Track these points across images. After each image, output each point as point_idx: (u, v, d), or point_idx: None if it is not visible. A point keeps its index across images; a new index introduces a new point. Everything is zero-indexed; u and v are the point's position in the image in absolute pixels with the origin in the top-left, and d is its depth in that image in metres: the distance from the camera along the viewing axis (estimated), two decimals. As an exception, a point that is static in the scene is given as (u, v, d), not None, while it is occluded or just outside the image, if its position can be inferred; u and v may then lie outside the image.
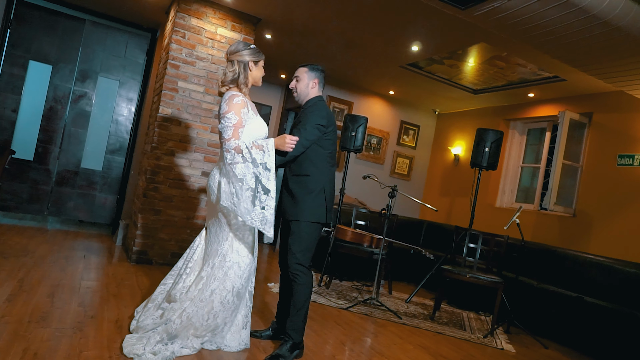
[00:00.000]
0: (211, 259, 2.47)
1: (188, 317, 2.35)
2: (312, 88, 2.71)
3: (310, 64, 2.76)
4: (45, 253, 4.06)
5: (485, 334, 3.90)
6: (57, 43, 5.40)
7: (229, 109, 2.40)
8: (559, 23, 2.97)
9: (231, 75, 2.53)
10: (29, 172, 5.36)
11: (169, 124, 4.38)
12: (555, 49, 3.45)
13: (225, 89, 2.54)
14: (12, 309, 2.59)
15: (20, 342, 2.19)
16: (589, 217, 5.01)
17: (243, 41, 2.66)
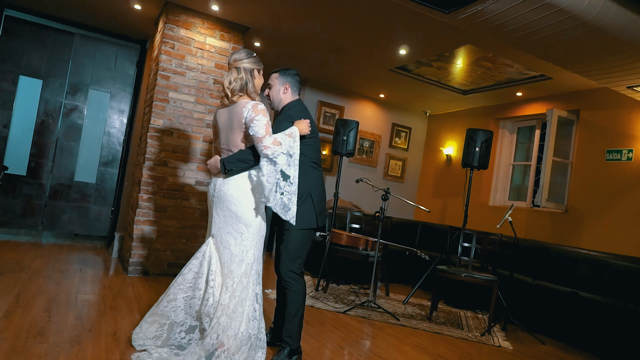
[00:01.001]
0: (236, 269, 2.39)
1: (223, 330, 2.29)
2: (283, 93, 2.67)
3: (282, 68, 2.71)
4: (40, 267, 4.05)
5: (482, 332, 3.93)
6: (46, 57, 5.41)
7: (256, 114, 2.36)
8: (540, 24, 3.03)
9: (239, 83, 2.46)
10: (22, 187, 5.35)
11: (161, 135, 4.40)
12: (539, 49, 3.51)
13: (237, 98, 2.47)
14: (9, 325, 2.59)
15: (17, 358, 2.19)
16: (580, 212, 5.07)
17: (245, 49, 2.59)
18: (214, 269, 2.42)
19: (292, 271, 2.54)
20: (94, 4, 4.72)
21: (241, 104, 2.45)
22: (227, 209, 2.44)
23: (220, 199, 2.46)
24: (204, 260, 2.47)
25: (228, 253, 2.43)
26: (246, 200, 2.43)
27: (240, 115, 2.42)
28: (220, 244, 2.46)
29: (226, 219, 2.45)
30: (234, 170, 2.42)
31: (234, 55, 2.52)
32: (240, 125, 2.43)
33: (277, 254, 2.71)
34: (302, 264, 2.59)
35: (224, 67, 4.65)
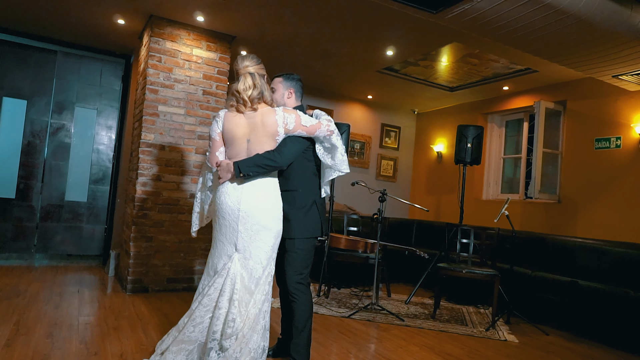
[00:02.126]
0: (264, 281, 2.35)
1: (246, 344, 2.25)
2: (288, 98, 2.64)
3: (285, 73, 2.68)
4: (37, 292, 3.97)
5: (486, 327, 3.95)
6: (30, 77, 5.33)
7: (292, 113, 2.38)
8: (527, 20, 3.07)
9: (258, 90, 2.36)
10: (12, 210, 5.25)
11: (153, 149, 4.35)
12: (526, 44, 3.55)
13: (258, 106, 2.38)
14: (13, 354, 2.53)
15: (25, 388, 2.14)
16: (573, 202, 5.14)
17: (254, 55, 2.50)
18: (239, 287, 2.30)
19: (299, 282, 2.45)
20: (76, 21, 4.66)
21: (267, 113, 2.36)
22: (257, 223, 2.32)
23: (248, 214, 2.32)
24: (228, 277, 2.32)
25: (260, 267, 2.34)
26: (274, 210, 2.37)
27: (272, 125, 2.34)
28: (250, 259, 2.34)
29: (257, 234, 2.33)
30: (251, 175, 2.32)
31: (245, 62, 2.42)
32: (273, 134, 2.35)
33: (279, 264, 2.59)
34: (308, 275, 2.52)
35: (212, 78, 4.62)
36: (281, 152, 2.37)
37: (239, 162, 2.32)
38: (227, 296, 2.28)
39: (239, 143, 2.39)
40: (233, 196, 2.34)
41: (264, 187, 2.37)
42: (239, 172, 2.30)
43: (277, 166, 2.38)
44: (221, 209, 2.37)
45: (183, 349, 2.34)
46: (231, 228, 2.34)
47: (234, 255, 2.35)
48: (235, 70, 2.45)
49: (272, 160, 2.34)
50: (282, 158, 2.37)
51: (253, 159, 2.34)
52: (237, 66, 2.44)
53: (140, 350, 2.74)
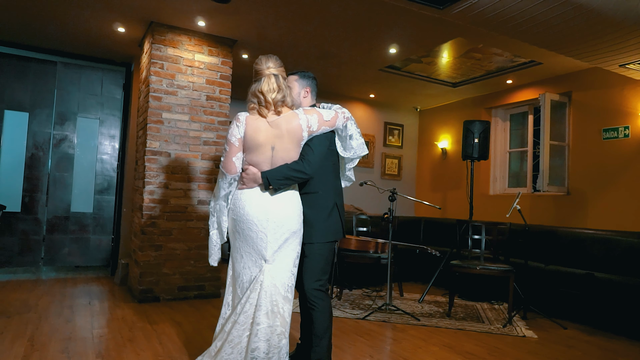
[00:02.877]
0: (293, 286, 2.33)
1: (285, 353, 2.22)
2: (304, 97, 2.51)
3: (300, 71, 2.56)
4: (47, 306, 3.93)
5: (503, 323, 3.91)
6: (30, 89, 5.29)
7: (314, 112, 2.30)
8: (534, 12, 3.03)
9: (282, 93, 2.26)
10: (18, 224, 5.21)
11: (158, 157, 4.31)
12: (533, 36, 3.52)
13: (281, 109, 2.28)
14: (29, 371, 2.49)
15: (45, 406, 2.10)
16: (582, 193, 5.10)
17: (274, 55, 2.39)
18: (277, 298, 2.21)
19: (318, 289, 2.37)
20: (75, 31, 4.62)
21: (291, 117, 2.26)
22: (287, 231, 2.25)
23: (278, 224, 2.24)
24: (262, 291, 2.20)
25: (291, 275, 2.29)
26: (300, 215, 2.32)
27: (297, 130, 2.25)
28: (280, 268, 2.26)
29: (286, 242, 2.26)
30: (281, 188, 2.26)
31: (269, 62, 2.32)
32: (298, 140, 2.27)
33: (298, 269, 2.48)
34: (327, 281, 2.44)
35: (215, 83, 4.58)
36: (309, 161, 2.28)
37: (268, 174, 2.23)
38: (264, 310, 2.17)
39: (262, 150, 2.26)
40: (259, 206, 2.24)
41: (290, 194, 2.31)
42: (267, 184, 2.23)
43: (307, 178, 2.31)
44: (246, 220, 2.25)
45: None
46: (259, 239, 2.23)
47: (264, 267, 2.24)
48: (256, 71, 2.33)
49: (302, 172, 2.26)
50: (311, 167, 2.29)
51: (282, 171, 2.24)
52: (259, 66, 2.33)
53: (158, 362, 2.70)
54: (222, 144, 4.61)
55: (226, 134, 2.34)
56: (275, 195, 2.26)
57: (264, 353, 2.15)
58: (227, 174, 2.31)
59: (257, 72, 2.33)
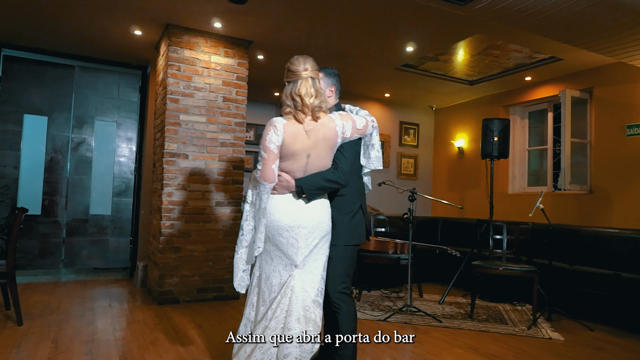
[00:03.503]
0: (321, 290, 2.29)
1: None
2: (328, 97, 2.41)
3: (324, 67, 2.43)
4: (69, 308, 3.96)
5: (528, 325, 3.83)
6: (48, 93, 5.35)
7: (349, 118, 2.24)
8: (559, 6, 2.96)
9: (318, 100, 2.16)
10: (38, 227, 5.26)
11: (176, 159, 4.32)
12: (556, 31, 3.45)
13: (319, 115, 2.18)
14: (54, 374, 2.50)
15: (72, 409, 2.10)
16: (605, 191, 4.98)
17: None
18: (308, 303, 2.18)
19: (342, 292, 2.32)
20: (92, 35, 4.65)
21: (327, 124, 2.17)
22: (318, 236, 2.22)
23: (309, 229, 2.19)
24: (294, 296, 2.16)
25: (321, 279, 2.25)
26: (330, 219, 2.28)
27: (333, 137, 2.18)
28: (312, 273, 2.22)
29: (317, 247, 2.23)
30: (314, 198, 2.22)
31: (306, 64, 2.19)
32: (333, 147, 2.21)
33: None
34: (350, 284, 2.39)
35: (231, 84, 4.57)
36: (342, 170, 2.24)
37: (303, 184, 2.17)
38: (296, 316, 2.14)
39: (297, 158, 2.16)
40: (291, 212, 2.18)
41: (320, 200, 2.26)
42: (302, 193, 2.18)
43: (340, 187, 2.28)
44: (277, 226, 2.18)
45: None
46: (290, 245, 2.17)
47: (295, 272, 2.19)
48: (291, 71, 2.19)
49: (336, 183, 2.23)
50: (344, 177, 2.25)
51: (317, 181, 2.19)
52: (295, 67, 2.19)
53: (181, 365, 2.69)
54: (238, 146, 4.60)
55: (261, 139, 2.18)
56: (307, 202, 2.21)
57: (295, 359, 2.12)
58: (266, 183, 2.16)
59: (292, 73, 2.19)
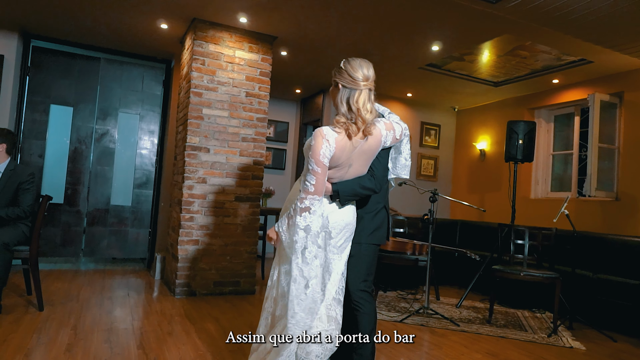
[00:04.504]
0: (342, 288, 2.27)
1: None
2: None
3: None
4: (89, 296, 4.02)
5: (548, 332, 3.75)
6: (75, 84, 5.43)
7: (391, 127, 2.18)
8: (594, 5, 2.88)
9: (373, 115, 2.10)
10: (61, 216, 5.36)
11: (198, 152, 4.34)
12: (588, 32, 3.35)
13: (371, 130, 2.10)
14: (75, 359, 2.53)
15: (92, 396, 2.12)
16: (633, 199, 4.84)
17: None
18: (330, 302, 2.17)
19: (364, 290, 2.29)
20: (119, 27, 4.70)
21: (376, 134, 2.09)
22: (345, 237, 2.20)
23: (338, 230, 2.16)
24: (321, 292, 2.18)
25: (342, 278, 2.23)
26: (355, 221, 2.26)
27: (376, 149, 2.12)
28: (335, 272, 2.20)
29: (342, 246, 2.21)
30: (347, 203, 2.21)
31: (369, 70, 2.07)
32: (373, 157, 2.16)
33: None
34: (372, 282, 2.36)
35: (254, 79, 4.58)
36: (378, 178, 2.21)
37: (340, 188, 2.12)
38: (318, 314, 2.15)
39: (340, 168, 2.10)
40: (321, 215, 2.14)
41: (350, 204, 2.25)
42: (336, 197, 2.15)
43: (374, 194, 2.26)
44: (302, 228, 2.14)
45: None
46: (316, 245, 2.14)
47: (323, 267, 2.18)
48: (350, 77, 2.05)
49: (372, 190, 2.21)
50: (380, 184, 2.23)
51: (353, 187, 2.15)
52: (355, 73, 2.05)
53: (198, 357, 2.70)
54: (260, 141, 4.60)
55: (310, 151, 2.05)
56: (335, 204, 2.18)
57: (316, 357, 2.11)
58: (319, 197, 2.07)
59: (351, 79, 2.06)
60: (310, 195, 2.04)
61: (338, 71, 2.12)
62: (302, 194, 2.06)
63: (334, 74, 2.14)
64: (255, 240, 4.60)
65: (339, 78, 2.10)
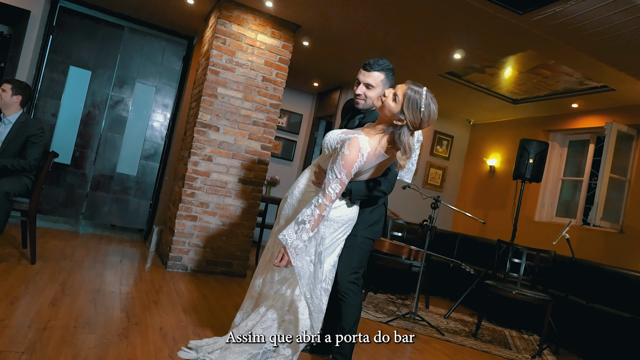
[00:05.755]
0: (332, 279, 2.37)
1: None
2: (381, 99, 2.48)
3: (388, 66, 2.40)
4: (82, 257, 4.05)
5: (532, 354, 3.71)
6: (96, 49, 5.47)
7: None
8: (623, 29, 2.83)
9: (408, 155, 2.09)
10: (66, 177, 5.41)
11: (207, 130, 4.35)
12: (614, 56, 3.30)
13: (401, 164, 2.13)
14: (57, 314, 2.55)
15: (68, 348, 2.13)
16: (638, 233, 4.77)
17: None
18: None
19: (353, 282, 2.31)
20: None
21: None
22: (344, 232, 2.25)
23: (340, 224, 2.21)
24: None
25: (332, 269, 2.28)
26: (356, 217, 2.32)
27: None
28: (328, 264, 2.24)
29: (340, 240, 2.26)
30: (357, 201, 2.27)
31: (434, 119, 2.04)
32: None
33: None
34: (361, 276, 2.38)
35: (273, 65, 4.58)
36: (390, 182, 2.26)
37: (353, 188, 2.16)
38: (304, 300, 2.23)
39: (360, 174, 2.14)
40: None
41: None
42: (348, 196, 2.18)
43: (384, 196, 2.31)
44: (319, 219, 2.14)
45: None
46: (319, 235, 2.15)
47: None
48: (415, 113, 1.98)
49: (383, 192, 2.26)
50: (392, 187, 2.28)
51: (367, 189, 2.18)
52: (425, 111, 1.97)
53: (179, 327, 2.71)
54: (270, 127, 4.60)
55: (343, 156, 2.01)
56: (345, 201, 2.21)
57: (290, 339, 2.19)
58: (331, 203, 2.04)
59: (418, 122, 1.99)
60: (331, 202, 2.00)
61: (414, 107, 1.97)
62: (324, 200, 1.98)
63: (409, 105, 1.97)
64: (253, 224, 4.60)
65: (408, 113, 1.98)
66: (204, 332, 2.71)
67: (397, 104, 1.99)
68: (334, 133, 2.18)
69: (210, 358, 2.22)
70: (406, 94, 1.98)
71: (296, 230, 1.97)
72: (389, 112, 2.02)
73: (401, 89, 2.01)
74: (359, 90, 2.39)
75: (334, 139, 2.14)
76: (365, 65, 2.38)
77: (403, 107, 1.98)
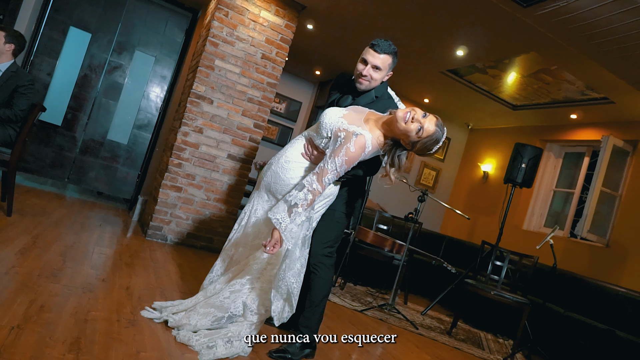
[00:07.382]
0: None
1: None
2: (384, 80, 2.38)
3: (395, 49, 2.31)
4: (61, 217, 3.99)
5: (504, 356, 3.67)
6: (99, 12, 5.40)
7: None
8: (628, 31, 2.79)
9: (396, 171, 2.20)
10: (55, 138, 5.34)
11: (201, 102, 4.29)
12: (616, 61, 3.27)
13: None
14: (24, 262, 2.50)
15: (27, 293, 2.08)
16: (623, 248, 4.74)
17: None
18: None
19: (327, 256, 2.28)
20: (154, -37, 4.67)
21: None
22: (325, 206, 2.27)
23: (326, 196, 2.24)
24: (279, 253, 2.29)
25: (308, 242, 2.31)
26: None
27: None
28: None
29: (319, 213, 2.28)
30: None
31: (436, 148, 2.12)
32: None
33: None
34: (335, 251, 2.35)
35: (273, 44, 4.52)
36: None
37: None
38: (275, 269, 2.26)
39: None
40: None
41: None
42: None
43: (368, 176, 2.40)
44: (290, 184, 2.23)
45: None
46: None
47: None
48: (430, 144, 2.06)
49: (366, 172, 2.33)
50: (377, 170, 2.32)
51: (354, 171, 2.20)
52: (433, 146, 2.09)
53: (147, 289, 2.66)
54: (265, 106, 4.55)
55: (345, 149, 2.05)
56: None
57: (260, 305, 2.20)
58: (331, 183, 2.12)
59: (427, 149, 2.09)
60: (324, 190, 2.04)
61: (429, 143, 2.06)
62: (318, 187, 2.00)
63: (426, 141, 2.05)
64: (238, 202, 4.55)
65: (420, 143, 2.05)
66: (172, 296, 2.67)
67: (418, 135, 2.03)
68: (334, 115, 2.12)
69: (174, 319, 2.17)
70: (434, 133, 2.04)
71: (290, 213, 1.96)
72: (404, 135, 2.04)
73: (430, 123, 2.04)
74: (366, 71, 2.31)
75: (334, 124, 2.09)
76: (374, 46, 2.28)
77: (421, 139, 2.03)
